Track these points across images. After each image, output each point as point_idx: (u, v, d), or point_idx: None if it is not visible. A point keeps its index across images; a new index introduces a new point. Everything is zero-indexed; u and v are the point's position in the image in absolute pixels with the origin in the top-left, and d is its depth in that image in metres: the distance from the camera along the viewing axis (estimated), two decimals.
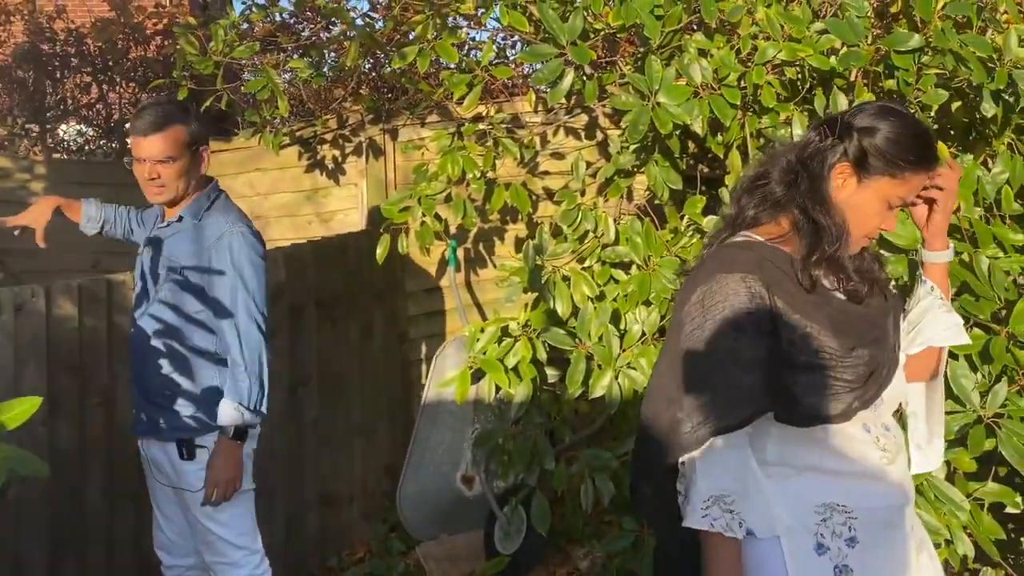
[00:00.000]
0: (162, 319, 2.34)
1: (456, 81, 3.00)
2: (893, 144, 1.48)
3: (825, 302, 1.52)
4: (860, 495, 1.52)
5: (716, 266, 1.54)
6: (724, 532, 1.42)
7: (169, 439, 2.31)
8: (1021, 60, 2.23)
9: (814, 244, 1.50)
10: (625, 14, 2.29)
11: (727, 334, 1.46)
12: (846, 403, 1.50)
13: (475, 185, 3.23)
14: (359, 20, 3.80)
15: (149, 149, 2.24)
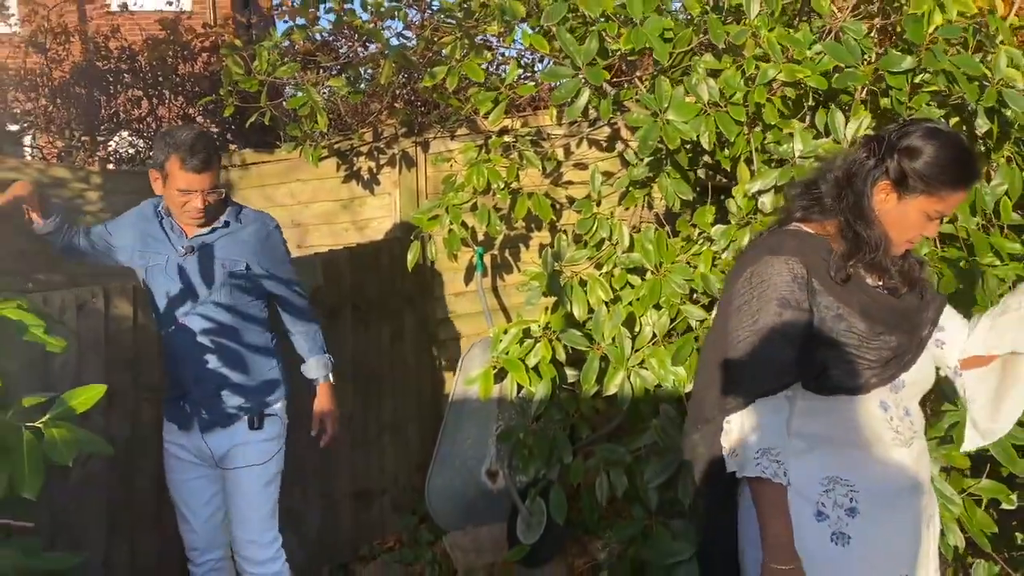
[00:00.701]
0: (216, 319, 2.50)
1: (482, 98, 3.19)
2: (931, 167, 1.66)
3: (860, 290, 1.73)
4: (864, 470, 1.71)
5: (765, 249, 1.77)
6: (772, 479, 1.64)
7: (233, 421, 2.53)
8: (1010, 79, 2.36)
9: (854, 250, 1.71)
10: (635, 38, 2.47)
11: (772, 310, 1.69)
12: (864, 377, 1.70)
13: (500, 195, 3.42)
14: (394, 39, 4.02)
15: (201, 184, 2.39)
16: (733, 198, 2.65)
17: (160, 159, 2.39)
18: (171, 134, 2.39)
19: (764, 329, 1.69)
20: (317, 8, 4.02)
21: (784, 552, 1.65)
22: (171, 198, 2.42)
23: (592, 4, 2.58)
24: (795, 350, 1.68)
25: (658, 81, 2.53)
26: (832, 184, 1.76)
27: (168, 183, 2.40)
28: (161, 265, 2.50)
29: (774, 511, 1.67)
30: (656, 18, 2.53)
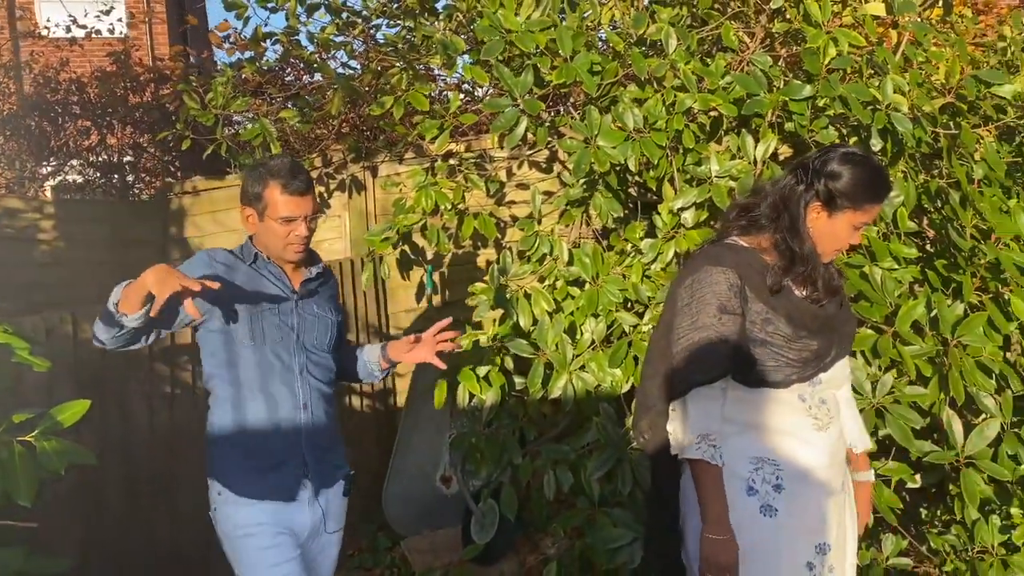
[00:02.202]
0: (326, 368, 2.34)
1: (428, 126, 3.42)
2: (854, 186, 1.97)
3: (786, 299, 2.02)
4: (787, 452, 1.99)
5: (705, 259, 2.04)
6: (710, 461, 1.92)
7: (335, 483, 2.36)
8: (897, 104, 2.67)
9: (789, 265, 2.01)
10: (566, 73, 2.72)
11: (709, 312, 1.97)
12: (784, 374, 1.99)
13: (447, 216, 3.64)
14: (339, 69, 4.23)
15: (305, 208, 2.19)
16: (659, 214, 2.91)
17: (256, 190, 2.19)
18: (263, 164, 2.22)
19: (702, 328, 1.96)
20: (265, 41, 4.21)
21: (720, 525, 1.93)
22: (271, 231, 2.19)
23: (526, 40, 2.83)
24: (728, 348, 1.95)
25: (588, 110, 2.78)
26: (769, 206, 2.04)
27: (268, 213, 2.18)
28: (271, 313, 2.23)
29: (712, 489, 1.94)
30: (585, 53, 2.79)
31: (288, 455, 2.23)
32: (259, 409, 2.21)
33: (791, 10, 2.84)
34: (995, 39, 3.73)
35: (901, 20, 3.02)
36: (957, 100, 3.01)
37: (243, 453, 2.21)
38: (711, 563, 1.92)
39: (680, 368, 1.98)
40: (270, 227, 2.20)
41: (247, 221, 2.25)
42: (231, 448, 2.22)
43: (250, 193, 2.21)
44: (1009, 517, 2.65)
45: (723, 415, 1.98)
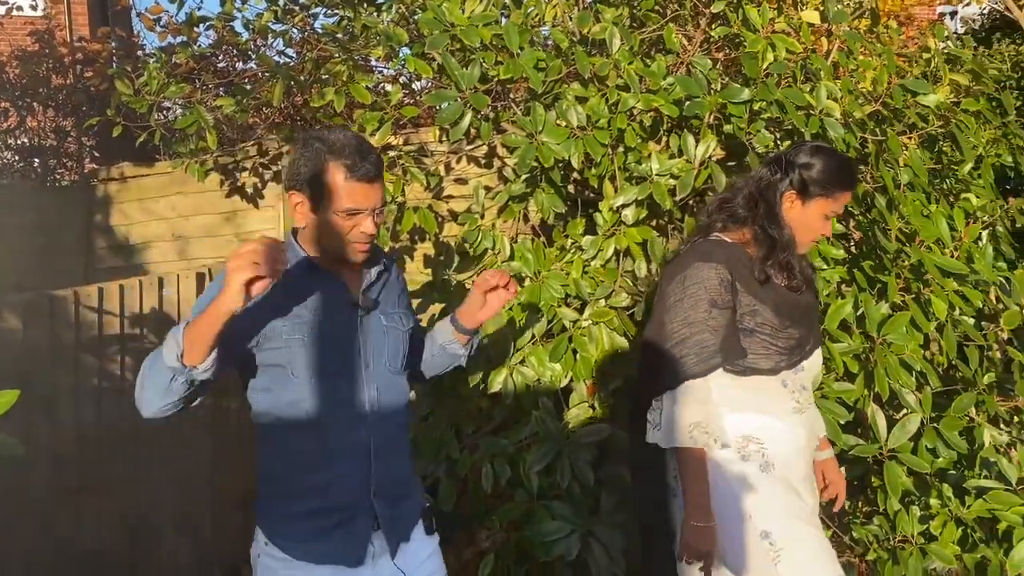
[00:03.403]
0: (395, 392, 1.95)
1: (369, 118, 3.39)
2: (826, 174, 2.13)
3: (772, 290, 2.15)
4: (771, 431, 2.12)
5: (695, 257, 2.14)
6: (704, 448, 2.05)
7: (411, 530, 1.98)
8: (830, 109, 2.76)
9: (769, 251, 2.14)
10: (513, 68, 2.74)
11: (702, 307, 2.08)
12: (774, 362, 2.12)
13: (386, 209, 3.61)
14: (276, 58, 4.16)
15: (374, 199, 1.78)
16: (600, 212, 2.95)
17: (310, 171, 1.75)
18: (319, 138, 1.77)
19: (694, 324, 2.08)
20: (198, 26, 4.11)
21: (702, 512, 2.04)
22: (329, 226, 1.78)
23: (471, 35, 2.83)
24: (719, 342, 2.07)
25: (533, 106, 2.80)
26: (745, 198, 2.18)
27: (326, 203, 1.75)
28: (330, 336, 1.83)
29: (697, 476, 2.06)
30: (530, 50, 2.81)
31: (354, 510, 1.83)
32: (317, 456, 1.80)
33: (731, 15, 2.91)
34: (917, 50, 3.88)
35: (835, 29, 3.13)
36: (884, 108, 3.13)
37: (297, 507, 1.81)
38: (692, 549, 2.03)
39: (673, 362, 2.08)
40: (328, 220, 1.76)
41: (294, 210, 1.81)
42: (282, 501, 1.83)
43: (301, 175, 1.77)
44: (928, 508, 2.77)
45: (713, 397, 2.09)
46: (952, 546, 2.68)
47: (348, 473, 1.82)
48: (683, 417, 2.07)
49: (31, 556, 3.00)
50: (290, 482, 1.83)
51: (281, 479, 1.84)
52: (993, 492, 2.59)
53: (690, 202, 3.09)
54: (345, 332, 1.85)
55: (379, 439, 1.87)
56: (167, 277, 3.51)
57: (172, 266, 4.45)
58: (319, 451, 1.80)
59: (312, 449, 1.80)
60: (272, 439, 1.84)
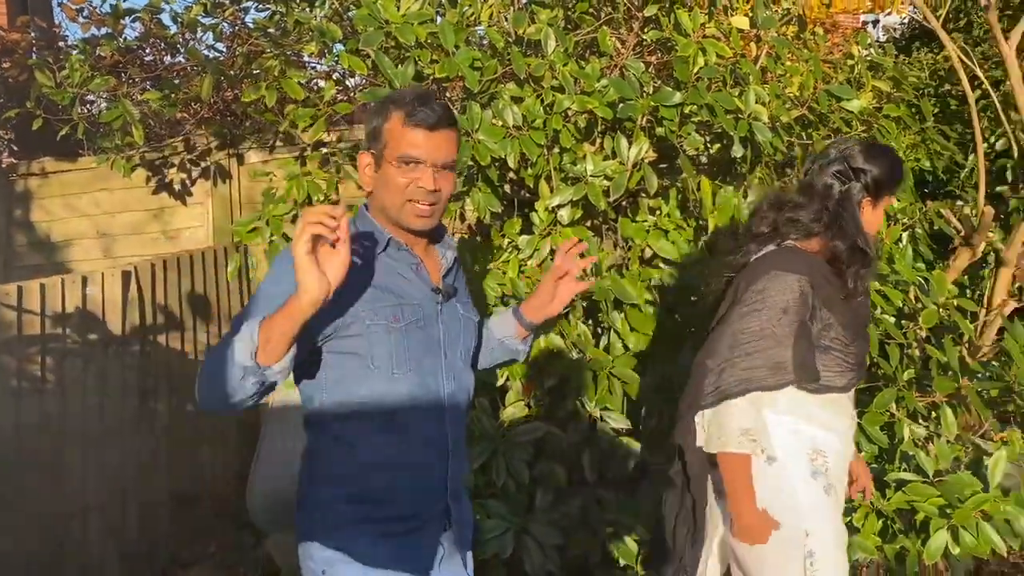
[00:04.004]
0: (468, 391, 1.82)
1: (301, 114, 3.34)
2: (890, 173, 2.11)
3: (843, 303, 2.08)
4: (833, 446, 2.10)
5: (777, 264, 2.05)
6: (751, 455, 2.01)
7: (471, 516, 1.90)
8: (758, 113, 2.83)
9: (862, 265, 2.06)
10: (449, 67, 2.73)
11: (779, 318, 2.00)
12: (848, 379, 2.09)
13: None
14: (207, 52, 4.06)
15: (435, 149, 1.61)
16: (536, 211, 2.97)
17: (374, 124, 1.64)
18: (388, 96, 1.68)
19: (770, 336, 2.00)
20: (124, 18, 3.99)
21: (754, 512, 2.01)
22: (387, 181, 1.62)
23: (406, 33, 2.82)
24: (794, 356, 2.00)
25: (469, 105, 2.80)
26: (815, 212, 2.09)
27: (385, 154, 1.62)
28: (415, 325, 1.66)
29: (747, 481, 2.01)
30: (466, 49, 2.81)
31: (430, 513, 1.70)
32: (396, 456, 1.65)
33: (663, 19, 2.95)
34: (842, 57, 4.01)
35: (763, 35, 3.21)
36: (810, 112, 3.22)
37: (369, 512, 1.65)
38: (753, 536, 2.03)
39: (743, 371, 2.00)
40: (387, 175, 1.61)
41: (362, 173, 1.68)
42: (349, 506, 1.65)
43: (368, 132, 1.66)
44: (851, 500, 2.86)
45: (780, 407, 2.04)
46: (873, 537, 2.77)
47: (428, 474, 1.69)
48: (734, 422, 2.01)
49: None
50: (362, 485, 1.64)
51: (349, 481, 1.64)
52: (912, 485, 2.69)
53: (623, 203, 3.13)
54: (429, 322, 1.69)
55: (455, 436, 1.74)
56: (91, 275, 3.42)
57: (96, 264, 4.32)
58: (398, 451, 1.65)
59: (390, 449, 1.64)
60: (340, 438, 1.64)
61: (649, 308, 2.90)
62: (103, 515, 3.38)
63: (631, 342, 2.87)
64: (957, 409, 2.91)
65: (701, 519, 2.19)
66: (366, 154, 1.67)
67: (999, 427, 3.39)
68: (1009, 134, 3.72)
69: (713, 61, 2.81)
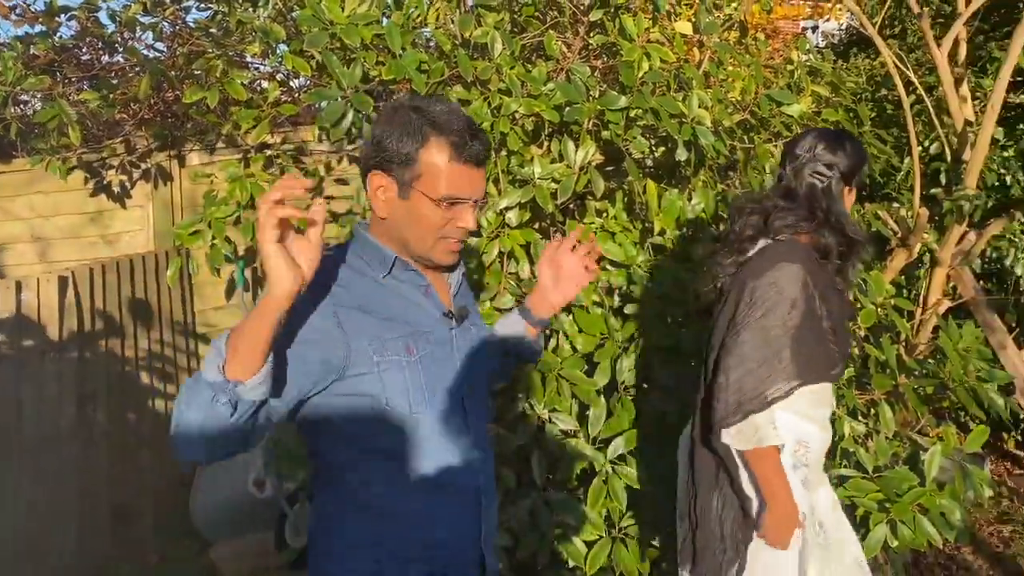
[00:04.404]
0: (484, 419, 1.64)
1: (244, 115, 3.29)
2: (857, 157, 2.18)
3: (837, 294, 2.14)
4: (816, 436, 2.16)
5: (782, 256, 2.07)
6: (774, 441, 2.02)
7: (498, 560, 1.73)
8: (701, 118, 2.87)
9: (853, 254, 2.13)
10: (395, 69, 2.72)
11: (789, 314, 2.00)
12: (840, 367, 2.13)
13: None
14: (146, 52, 3.98)
15: (479, 185, 1.48)
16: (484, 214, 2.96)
17: (406, 148, 1.42)
18: (417, 108, 1.43)
19: (786, 336, 2.00)
20: (60, 16, 3.88)
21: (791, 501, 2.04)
22: (420, 217, 1.44)
23: (352, 34, 2.79)
24: (806, 357, 2.00)
25: None
26: (807, 209, 2.13)
27: (421, 189, 1.42)
28: (429, 357, 1.49)
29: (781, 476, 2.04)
30: (413, 51, 2.80)
31: (464, 566, 1.54)
32: (425, 509, 1.46)
33: (609, 24, 2.98)
34: (782, 62, 4.09)
35: (705, 40, 3.25)
36: (751, 116, 3.28)
37: (395, 574, 1.46)
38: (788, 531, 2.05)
39: (763, 384, 1.99)
40: (420, 210, 1.43)
41: (375, 195, 1.46)
42: (373, 566, 1.46)
43: (390, 152, 1.43)
44: None
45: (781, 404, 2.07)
46: None
47: (462, 524, 1.51)
48: (766, 417, 2.02)
49: None
50: (388, 545, 1.45)
51: (372, 543, 1.44)
52: (852, 480, 2.75)
53: (571, 205, 3.15)
54: (443, 349, 1.51)
55: (486, 475, 1.56)
56: (26, 280, 3.32)
57: (31, 269, 4.20)
58: (429, 503, 1.45)
59: (419, 502, 1.45)
60: (358, 493, 1.43)
61: (597, 310, 2.92)
62: (37, 530, 3.28)
63: (579, 344, 2.88)
64: (895, 406, 2.99)
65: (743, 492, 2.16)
66: (382, 175, 1.44)
67: (935, 423, 3.49)
68: (942, 138, 3.84)
69: (657, 66, 2.84)
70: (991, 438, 4.81)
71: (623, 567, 2.63)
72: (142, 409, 3.85)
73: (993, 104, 3.43)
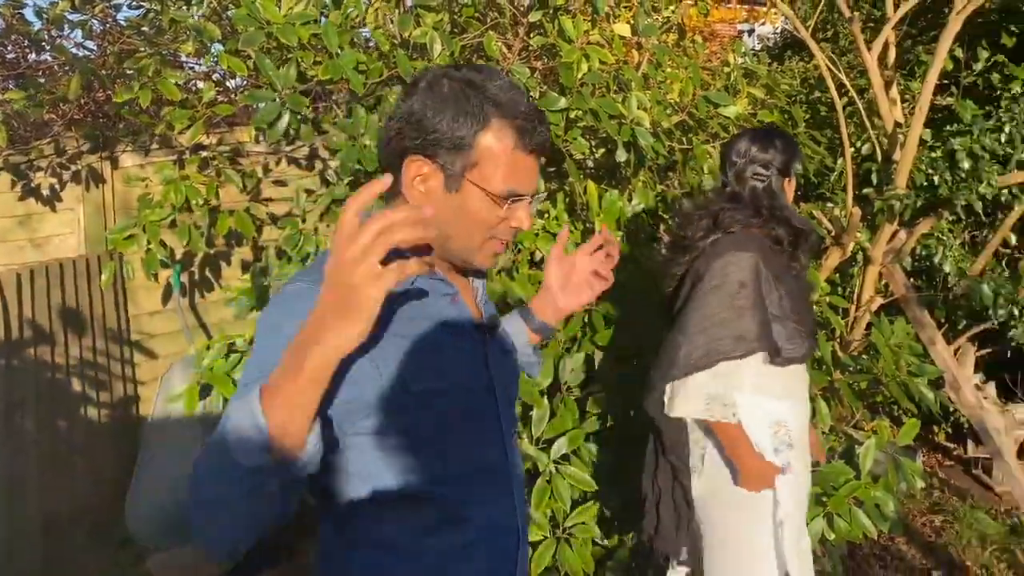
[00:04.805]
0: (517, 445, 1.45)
1: (178, 116, 3.22)
2: (789, 149, 2.35)
3: (792, 278, 2.28)
4: (794, 415, 2.28)
5: (730, 246, 2.24)
6: (731, 420, 2.17)
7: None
8: (640, 119, 2.90)
9: (801, 240, 2.29)
10: (333, 70, 2.68)
11: (738, 292, 2.17)
12: (806, 348, 2.25)
13: (199, 212, 3.44)
14: (75, 50, 3.86)
15: (536, 179, 1.27)
16: None
17: (461, 132, 1.18)
18: (471, 83, 1.20)
19: (733, 308, 2.17)
20: None
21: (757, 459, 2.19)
22: (469, 212, 1.22)
23: (288, 34, 2.75)
24: (757, 327, 2.16)
25: (355, 108, 2.76)
26: (752, 207, 2.30)
27: (476, 178, 1.20)
28: (463, 379, 1.29)
29: (742, 440, 2.19)
30: (351, 51, 2.77)
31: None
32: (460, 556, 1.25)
33: (548, 25, 2.99)
34: (720, 64, 4.15)
35: (644, 42, 3.29)
36: (689, 118, 3.32)
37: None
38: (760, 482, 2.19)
39: (710, 343, 2.17)
40: (471, 205, 1.21)
41: (410, 184, 1.21)
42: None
43: (441, 133, 1.18)
44: None
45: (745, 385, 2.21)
46: None
47: (499, 569, 1.31)
48: (699, 390, 2.18)
49: None
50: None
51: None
52: None
53: None
54: (477, 368, 1.31)
55: (523, 512, 1.36)
56: None
57: None
58: (463, 548, 1.24)
59: (454, 550, 1.24)
60: (383, 540, 1.21)
61: None
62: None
63: None
64: (831, 401, 3.05)
65: (688, 485, 2.34)
66: (424, 161, 1.20)
67: (870, 417, 3.58)
68: (873, 139, 3.94)
69: (597, 67, 2.86)
70: (923, 431, 4.96)
71: (568, 567, 2.64)
72: (73, 417, 3.73)
73: (921, 106, 3.54)
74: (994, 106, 4.29)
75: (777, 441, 2.25)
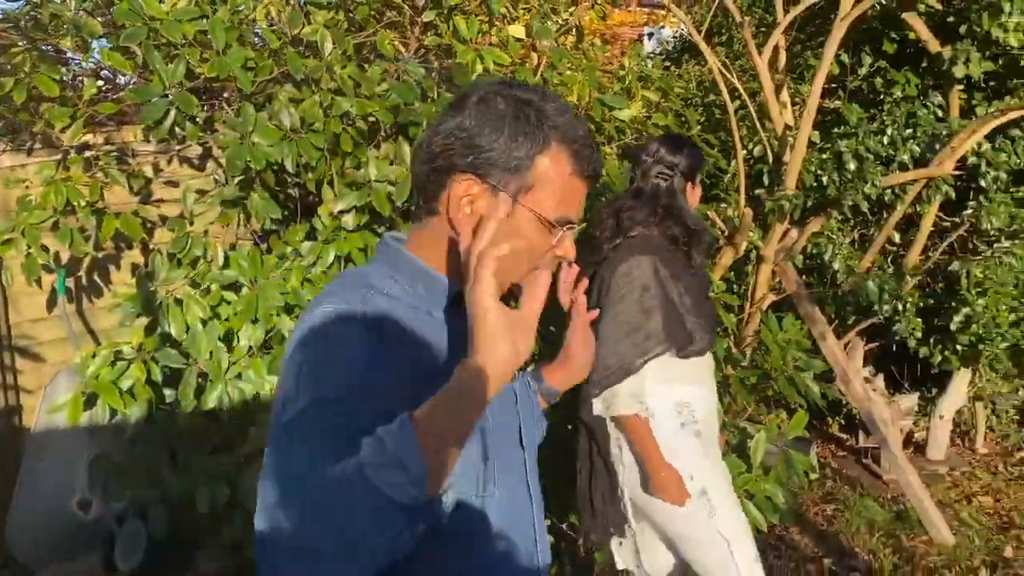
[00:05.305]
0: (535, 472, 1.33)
1: (58, 113, 3.07)
2: (695, 156, 2.51)
3: (690, 275, 2.41)
4: (699, 398, 2.45)
5: (634, 250, 2.38)
6: (642, 415, 2.34)
7: None
8: None
9: (696, 241, 2.44)
10: (219, 67, 2.61)
11: (644, 296, 2.31)
12: (705, 341, 2.39)
13: (83, 214, 3.30)
14: None
15: (583, 206, 1.21)
16: (319, 217, 2.89)
17: (521, 151, 1.11)
18: (529, 102, 1.13)
19: (643, 311, 2.30)
20: None
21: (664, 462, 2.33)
22: (523, 241, 1.13)
23: (173, 30, 2.66)
24: (665, 323, 2.31)
25: (243, 106, 2.69)
26: (648, 208, 2.44)
27: (529, 201, 1.12)
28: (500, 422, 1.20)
29: (651, 442, 2.33)
30: (238, 48, 2.69)
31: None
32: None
33: (442, 25, 2.98)
34: (619, 67, 4.22)
35: (539, 44, 3.30)
36: (587, 120, 3.36)
37: None
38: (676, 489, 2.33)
39: (630, 347, 2.30)
40: (523, 230, 1.12)
41: (457, 205, 1.12)
42: None
43: (497, 153, 1.11)
44: None
45: (656, 379, 2.35)
46: None
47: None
48: (625, 388, 2.33)
49: None
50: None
51: None
52: None
53: (411, 208, 3.12)
54: (507, 403, 1.25)
55: (544, 557, 1.27)
56: None
57: None
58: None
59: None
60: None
61: None
62: None
63: None
64: (723, 396, 3.13)
65: (615, 475, 2.47)
66: (474, 181, 1.11)
67: (765, 411, 3.69)
68: (764, 141, 4.06)
69: (492, 68, 2.86)
70: (817, 423, 5.14)
71: None
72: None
73: (809, 109, 3.67)
74: (878, 109, 4.48)
75: (682, 418, 2.41)
